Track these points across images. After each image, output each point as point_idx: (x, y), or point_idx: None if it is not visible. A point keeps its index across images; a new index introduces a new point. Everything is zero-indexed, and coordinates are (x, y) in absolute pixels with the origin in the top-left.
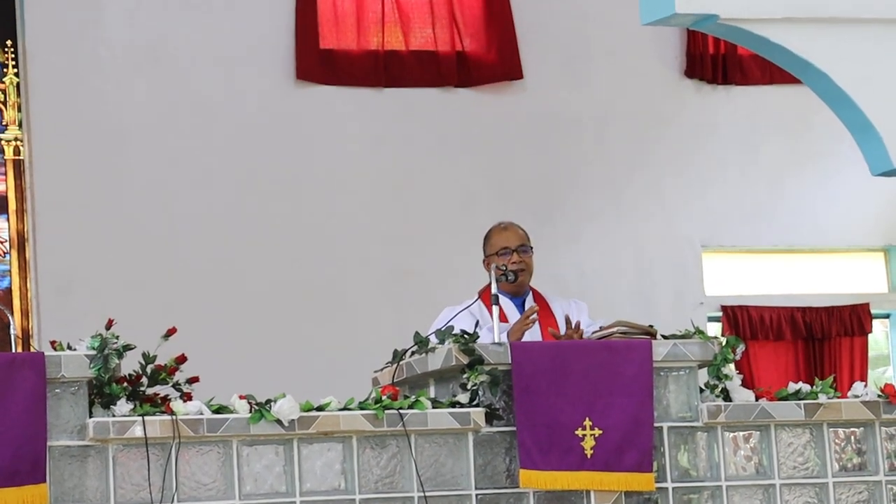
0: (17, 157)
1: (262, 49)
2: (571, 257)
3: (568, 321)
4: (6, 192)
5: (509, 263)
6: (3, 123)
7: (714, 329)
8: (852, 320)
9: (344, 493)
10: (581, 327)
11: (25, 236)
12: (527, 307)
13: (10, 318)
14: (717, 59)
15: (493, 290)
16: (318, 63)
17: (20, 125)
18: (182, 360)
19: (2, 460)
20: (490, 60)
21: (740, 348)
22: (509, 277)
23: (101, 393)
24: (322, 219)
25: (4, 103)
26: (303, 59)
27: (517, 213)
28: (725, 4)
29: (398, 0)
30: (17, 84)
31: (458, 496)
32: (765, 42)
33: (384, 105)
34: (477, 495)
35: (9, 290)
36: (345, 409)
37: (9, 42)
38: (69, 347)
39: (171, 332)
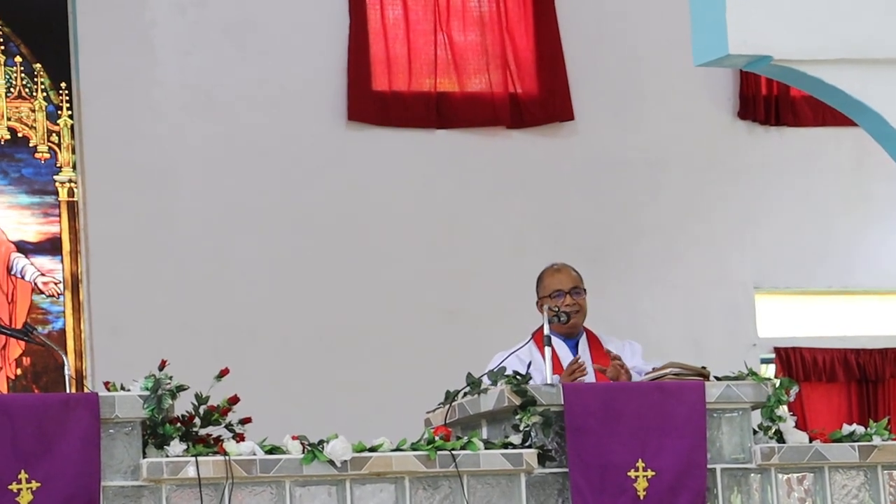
0: (71, 199)
1: (315, 91)
2: (623, 299)
3: (607, 352)
4: (60, 234)
5: (562, 306)
6: (58, 165)
7: (767, 371)
8: None
9: None
10: (624, 362)
11: (79, 277)
12: (580, 349)
13: (64, 358)
14: (770, 101)
15: (546, 331)
16: (370, 105)
17: (74, 167)
18: (235, 400)
19: (56, 500)
20: (542, 102)
21: (794, 390)
22: (562, 318)
23: (154, 433)
24: (373, 260)
25: (59, 145)
26: (355, 101)
27: (568, 254)
28: (779, 46)
29: (452, 42)
30: (72, 126)
31: None
32: (819, 83)
33: (436, 147)
34: None
35: (63, 332)
36: (397, 449)
37: (63, 84)
38: (123, 388)
39: (223, 373)
